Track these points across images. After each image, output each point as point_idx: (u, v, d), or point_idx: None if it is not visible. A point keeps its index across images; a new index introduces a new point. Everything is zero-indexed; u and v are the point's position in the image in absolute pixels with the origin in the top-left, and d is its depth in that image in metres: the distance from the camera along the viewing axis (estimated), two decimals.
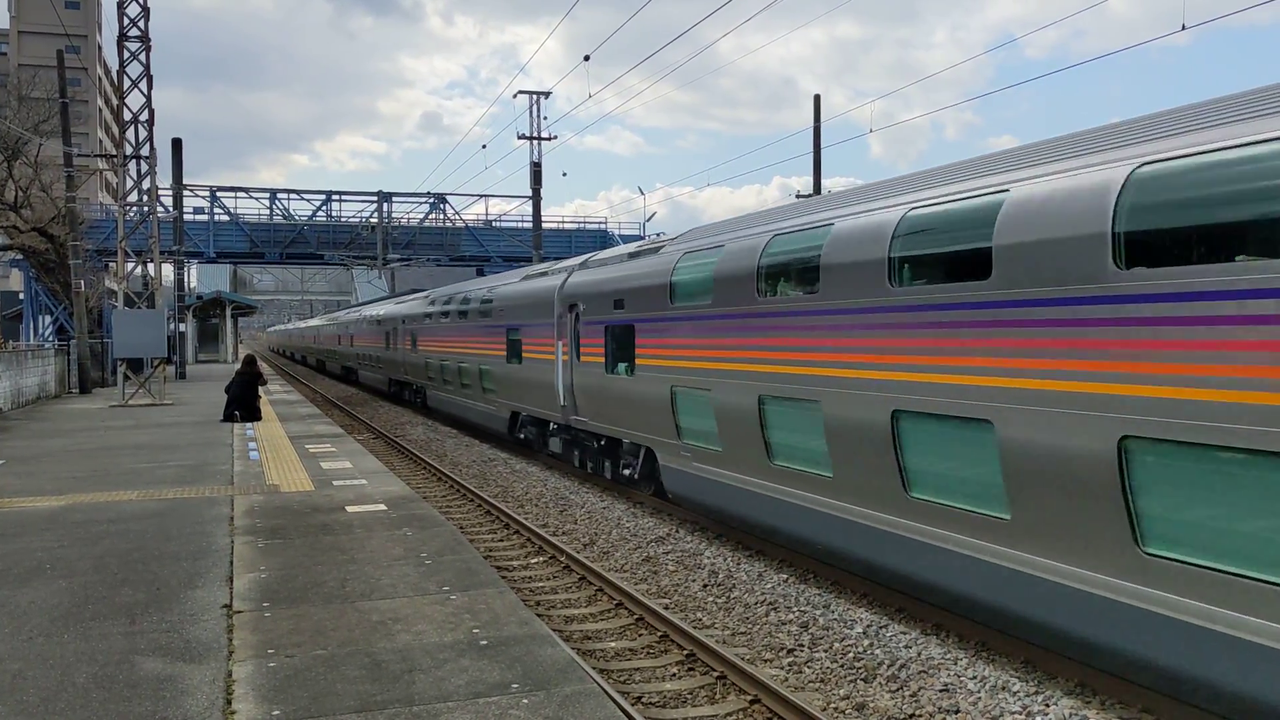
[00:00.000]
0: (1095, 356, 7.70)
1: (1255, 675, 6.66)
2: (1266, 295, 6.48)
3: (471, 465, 23.05)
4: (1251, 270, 6.57)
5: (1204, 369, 6.89)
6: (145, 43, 35.19)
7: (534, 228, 48.39)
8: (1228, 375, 6.72)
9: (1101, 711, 8.13)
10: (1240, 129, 6.94)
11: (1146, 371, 7.30)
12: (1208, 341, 6.86)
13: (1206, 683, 7.05)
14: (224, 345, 69.62)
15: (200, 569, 9.38)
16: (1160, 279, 7.20)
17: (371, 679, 6.46)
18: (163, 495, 13.36)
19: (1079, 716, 8.01)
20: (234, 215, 55.59)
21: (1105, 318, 7.61)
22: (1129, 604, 7.56)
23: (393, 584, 8.83)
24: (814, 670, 9.32)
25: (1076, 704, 8.25)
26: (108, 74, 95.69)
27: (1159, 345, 7.21)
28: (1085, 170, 8.07)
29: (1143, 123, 8.10)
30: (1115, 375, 7.54)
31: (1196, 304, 6.94)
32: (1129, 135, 8.04)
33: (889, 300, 10.09)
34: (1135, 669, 7.58)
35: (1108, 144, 8.16)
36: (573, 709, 5.97)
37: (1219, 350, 6.79)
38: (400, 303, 41.20)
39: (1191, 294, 6.97)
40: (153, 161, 36.51)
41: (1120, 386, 7.49)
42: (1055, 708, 8.18)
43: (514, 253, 58.28)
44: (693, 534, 14.91)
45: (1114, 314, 7.54)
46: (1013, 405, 8.47)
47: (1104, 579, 7.73)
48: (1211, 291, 6.83)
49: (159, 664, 6.76)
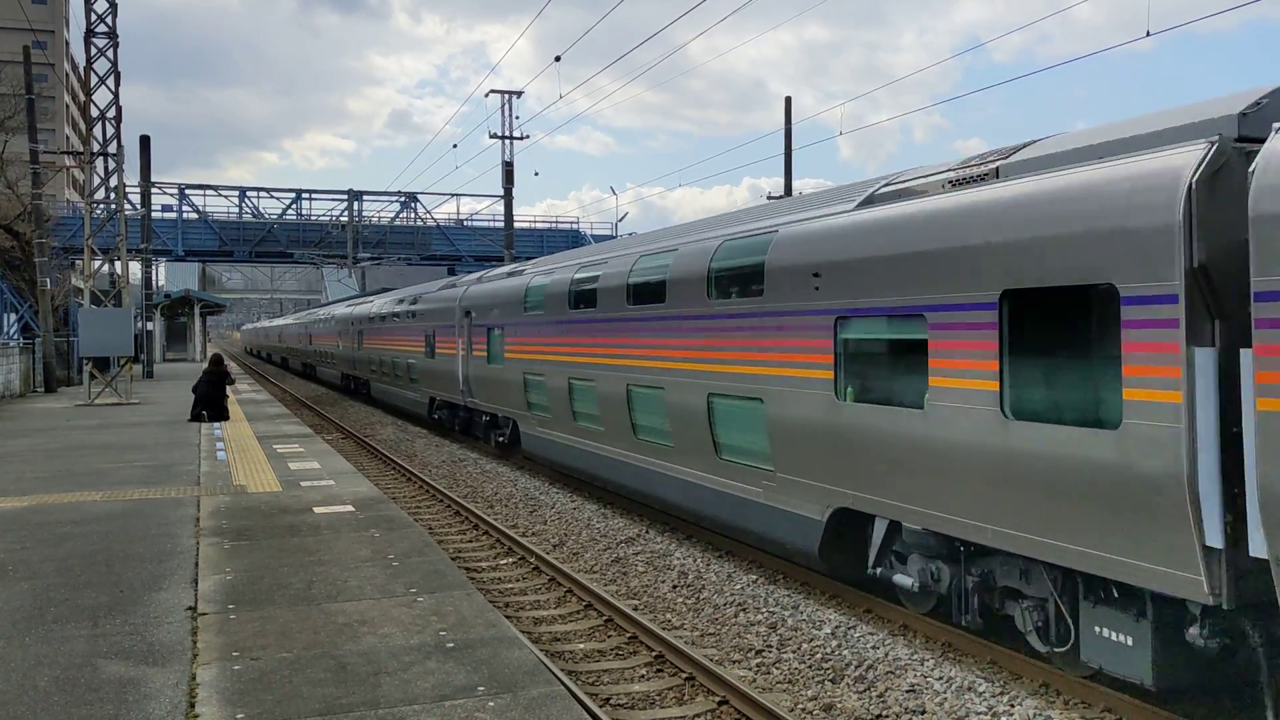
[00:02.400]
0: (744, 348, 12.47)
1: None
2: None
3: (441, 466, 22.98)
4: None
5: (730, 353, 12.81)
6: (113, 39, 34.85)
7: (505, 227, 48.25)
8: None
9: (1065, 711, 8.19)
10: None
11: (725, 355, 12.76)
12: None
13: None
14: (192, 344, 69.10)
15: (165, 571, 9.31)
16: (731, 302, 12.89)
17: (337, 682, 6.43)
18: (128, 496, 13.25)
19: (1043, 717, 8.07)
20: (203, 213, 55.24)
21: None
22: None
23: (360, 586, 8.79)
24: (782, 671, 9.35)
25: (1041, 704, 8.31)
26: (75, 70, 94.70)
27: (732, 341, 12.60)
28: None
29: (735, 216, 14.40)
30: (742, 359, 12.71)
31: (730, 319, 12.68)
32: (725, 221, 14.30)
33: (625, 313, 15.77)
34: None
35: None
36: (540, 711, 5.96)
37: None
38: (351, 305, 47.34)
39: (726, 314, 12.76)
40: (120, 159, 36.20)
41: (717, 365, 13.23)
42: (1020, 708, 8.23)
43: (485, 252, 58.19)
44: (662, 535, 14.92)
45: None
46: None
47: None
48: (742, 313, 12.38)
49: (122, 667, 6.70)
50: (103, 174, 35.96)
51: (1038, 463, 8.02)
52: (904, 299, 9.52)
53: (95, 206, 35.87)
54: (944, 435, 8.99)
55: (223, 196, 56.69)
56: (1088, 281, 7.65)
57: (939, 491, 9.10)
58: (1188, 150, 7.15)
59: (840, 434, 10.48)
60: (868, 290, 10.03)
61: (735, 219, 13.98)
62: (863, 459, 10.17)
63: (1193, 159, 7.03)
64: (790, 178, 34.75)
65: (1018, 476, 8.24)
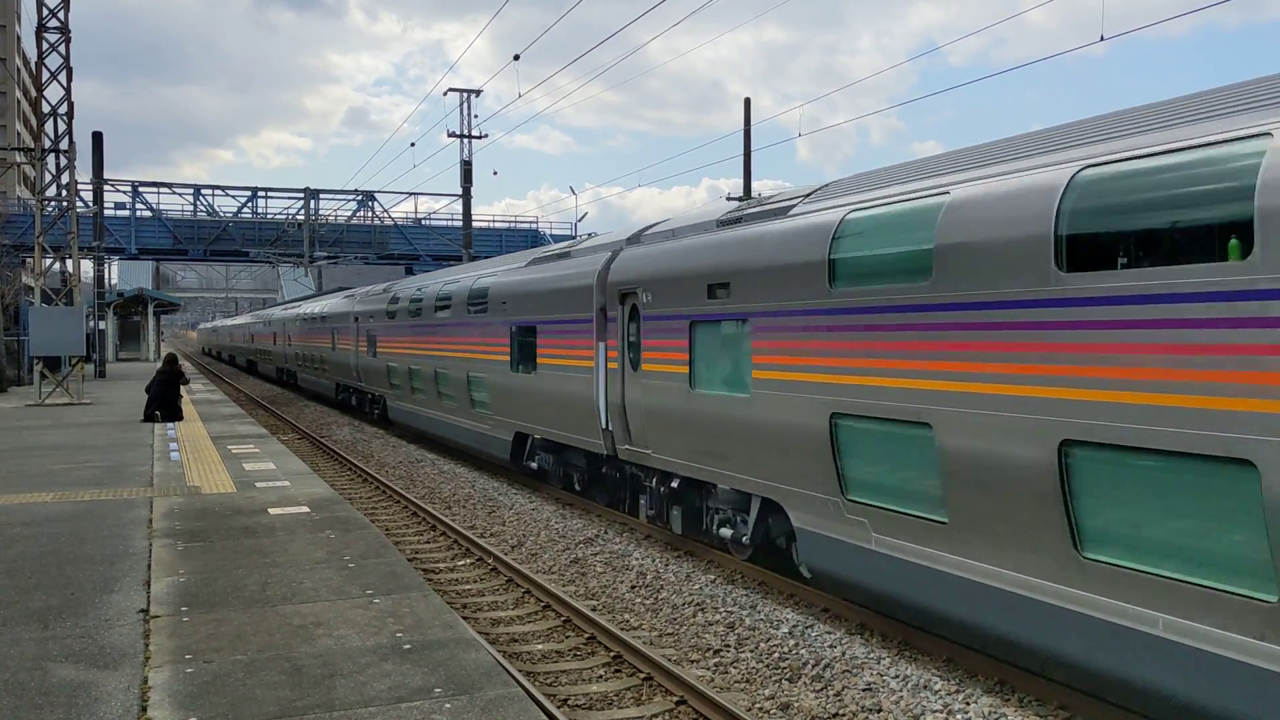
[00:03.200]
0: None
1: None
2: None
3: (399, 466, 22.85)
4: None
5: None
6: (65, 34, 34.34)
7: (464, 226, 48.08)
8: None
9: (1020, 709, 8.28)
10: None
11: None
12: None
13: None
14: (146, 343, 68.26)
15: (117, 573, 9.18)
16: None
17: (292, 684, 6.36)
18: (79, 497, 13.06)
19: (998, 714, 8.15)
20: (156, 211, 54.53)
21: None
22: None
23: (315, 588, 8.72)
24: (740, 670, 9.37)
25: (996, 701, 8.39)
26: (26, 65, 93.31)
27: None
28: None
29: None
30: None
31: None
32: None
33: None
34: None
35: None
36: (496, 712, 5.93)
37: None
38: (284, 310, 57.73)
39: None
40: (72, 155, 35.65)
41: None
42: (975, 705, 8.31)
43: (444, 251, 57.87)
44: (621, 535, 14.92)
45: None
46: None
47: None
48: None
49: (72, 670, 6.60)
50: (54, 170, 35.43)
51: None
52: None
53: (47, 203, 35.34)
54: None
55: (177, 194, 55.89)
56: None
57: None
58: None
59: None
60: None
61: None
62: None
63: None
64: (750, 179, 34.90)
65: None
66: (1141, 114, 7.66)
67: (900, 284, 8.99)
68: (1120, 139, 7.44)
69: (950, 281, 8.40)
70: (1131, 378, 6.92)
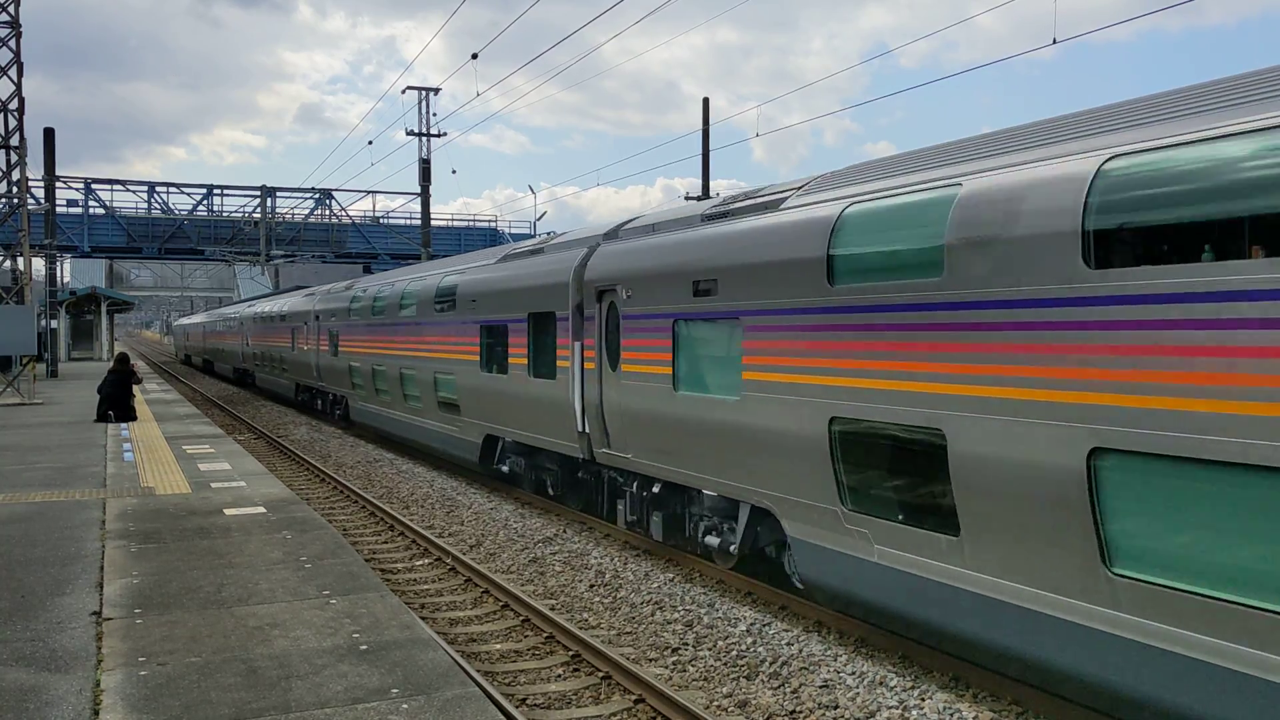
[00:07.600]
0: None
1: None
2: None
3: (356, 466, 22.72)
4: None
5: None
6: (15, 29, 33.84)
7: (423, 225, 47.81)
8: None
9: (974, 704, 8.37)
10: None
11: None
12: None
13: None
14: (99, 343, 67.33)
15: (69, 575, 9.07)
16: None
17: (248, 686, 6.32)
18: (30, 499, 12.88)
19: (953, 710, 8.23)
20: (110, 209, 53.84)
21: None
22: None
23: (271, 589, 8.66)
24: (698, 669, 9.41)
25: (951, 697, 8.47)
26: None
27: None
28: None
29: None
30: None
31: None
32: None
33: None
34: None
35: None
36: (454, 712, 5.93)
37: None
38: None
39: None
40: (23, 152, 35.12)
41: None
42: (931, 701, 8.39)
43: (402, 250, 57.56)
44: (579, 534, 14.92)
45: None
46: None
47: None
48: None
49: (22, 674, 6.52)
50: (4, 167, 34.90)
51: None
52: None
53: None
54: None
55: (131, 192, 55.19)
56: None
57: None
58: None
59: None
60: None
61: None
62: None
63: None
64: (708, 179, 34.95)
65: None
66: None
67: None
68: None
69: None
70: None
